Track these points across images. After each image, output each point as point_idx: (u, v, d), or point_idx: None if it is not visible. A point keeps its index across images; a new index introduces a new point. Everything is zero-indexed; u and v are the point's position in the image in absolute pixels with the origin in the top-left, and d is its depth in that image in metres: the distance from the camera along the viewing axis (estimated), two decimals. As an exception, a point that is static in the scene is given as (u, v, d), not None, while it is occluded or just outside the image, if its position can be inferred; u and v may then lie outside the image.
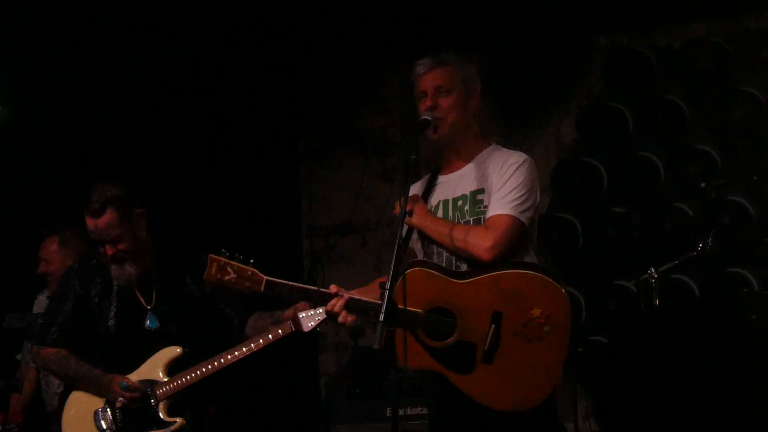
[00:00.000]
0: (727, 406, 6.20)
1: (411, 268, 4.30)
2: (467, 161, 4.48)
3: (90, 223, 4.89)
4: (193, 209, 7.40)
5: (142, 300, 5.00)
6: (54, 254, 6.02)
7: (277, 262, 7.13)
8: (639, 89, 7.56)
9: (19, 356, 5.69)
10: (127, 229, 4.90)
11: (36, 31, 6.74)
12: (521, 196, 4.34)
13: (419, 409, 5.97)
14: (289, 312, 4.81)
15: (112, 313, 4.98)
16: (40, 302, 6.08)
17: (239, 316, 5.02)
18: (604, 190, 7.63)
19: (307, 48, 7.82)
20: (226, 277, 4.36)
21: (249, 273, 4.36)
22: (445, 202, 4.49)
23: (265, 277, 4.36)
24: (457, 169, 4.50)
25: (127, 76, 7.26)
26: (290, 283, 4.38)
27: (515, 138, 7.77)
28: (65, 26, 6.78)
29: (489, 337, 4.25)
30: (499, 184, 4.37)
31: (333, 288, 4.27)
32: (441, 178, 4.52)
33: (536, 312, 4.28)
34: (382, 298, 4.01)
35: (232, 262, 4.36)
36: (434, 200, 4.49)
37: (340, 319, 4.25)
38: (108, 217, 4.86)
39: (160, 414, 4.90)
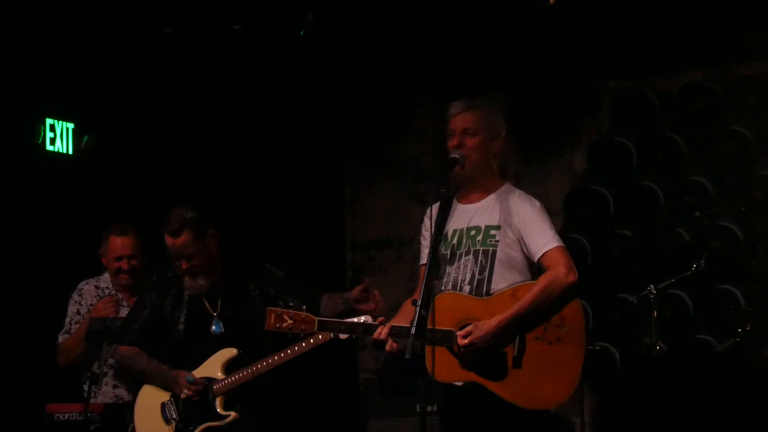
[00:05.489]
0: (722, 403, 6.43)
1: (439, 295, 4.41)
2: (483, 196, 4.63)
3: (169, 241, 5.16)
4: (256, 226, 7.61)
5: (209, 308, 5.25)
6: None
7: (324, 272, 7.32)
8: (642, 127, 7.81)
9: (96, 368, 5.64)
10: (200, 247, 5.16)
11: (120, 66, 6.93)
12: (552, 227, 4.55)
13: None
14: (354, 294, 5.02)
15: (182, 319, 5.25)
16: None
17: (307, 303, 4.98)
18: (610, 215, 7.82)
19: (353, 88, 8.17)
20: (284, 324, 4.55)
21: (303, 317, 4.55)
22: (460, 230, 4.60)
23: (317, 318, 4.57)
24: (474, 201, 4.63)
25: (201, 122, 7.55)
26: (338, 320, 4.65)
27: (533, 167, 8.14)
28: (145, 65, 7.07)
29: (516, 344, 4.39)
30: (531, 224, 4.51)
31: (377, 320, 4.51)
32: (458, 206, 4.64)
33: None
34: (413, 314, 4.18)
35: (288, 311, 4.57)
36: (449, 228, 4.59)
37: (387, 347, 4.38)
38: (185, 237, 5.13)
39: (217, 408, 5.13)
